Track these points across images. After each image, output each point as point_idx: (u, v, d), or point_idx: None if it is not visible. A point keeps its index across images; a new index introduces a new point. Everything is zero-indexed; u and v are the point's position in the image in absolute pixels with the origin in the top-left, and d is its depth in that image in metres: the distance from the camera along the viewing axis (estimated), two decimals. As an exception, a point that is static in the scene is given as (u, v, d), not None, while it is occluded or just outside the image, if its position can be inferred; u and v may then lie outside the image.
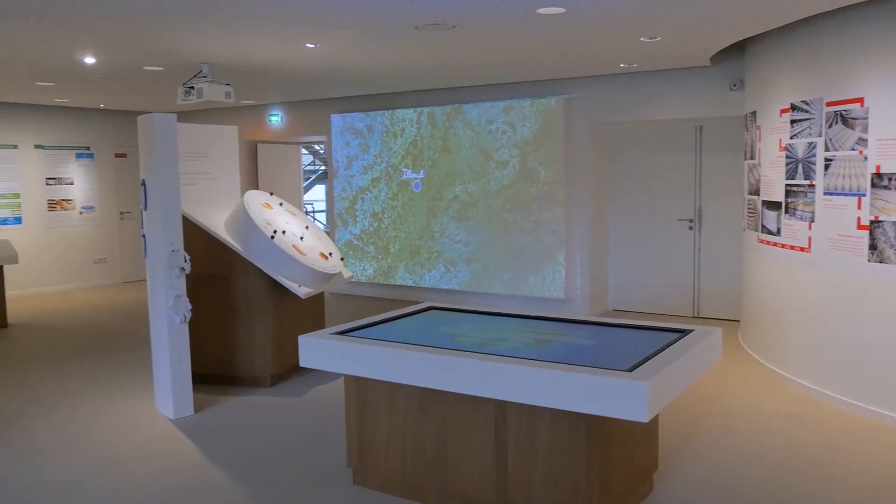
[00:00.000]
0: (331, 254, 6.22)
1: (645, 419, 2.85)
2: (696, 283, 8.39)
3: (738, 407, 5.34)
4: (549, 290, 8.56)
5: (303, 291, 5.76)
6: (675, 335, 3.73)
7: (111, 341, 7.78)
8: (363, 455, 3.96)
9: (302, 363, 3.86)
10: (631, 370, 3.02)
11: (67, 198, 11.21)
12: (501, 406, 3.42)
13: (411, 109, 9.42)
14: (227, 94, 7.00)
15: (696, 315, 8.41)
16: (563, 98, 8.35)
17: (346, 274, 6.47)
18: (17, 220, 10.64)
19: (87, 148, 11.44)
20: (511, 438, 3.41)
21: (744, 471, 4.20)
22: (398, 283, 9.78)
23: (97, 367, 6.70)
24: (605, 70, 7.90)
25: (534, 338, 3.83)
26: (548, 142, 8.43)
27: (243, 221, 5.72)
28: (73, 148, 11.27)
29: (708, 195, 8.26)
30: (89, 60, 6.81)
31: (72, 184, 11.26)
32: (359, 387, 3.92)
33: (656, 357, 3.23)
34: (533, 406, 3.30)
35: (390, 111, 9.61)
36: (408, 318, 4.41)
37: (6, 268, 8.69)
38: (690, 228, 8.38)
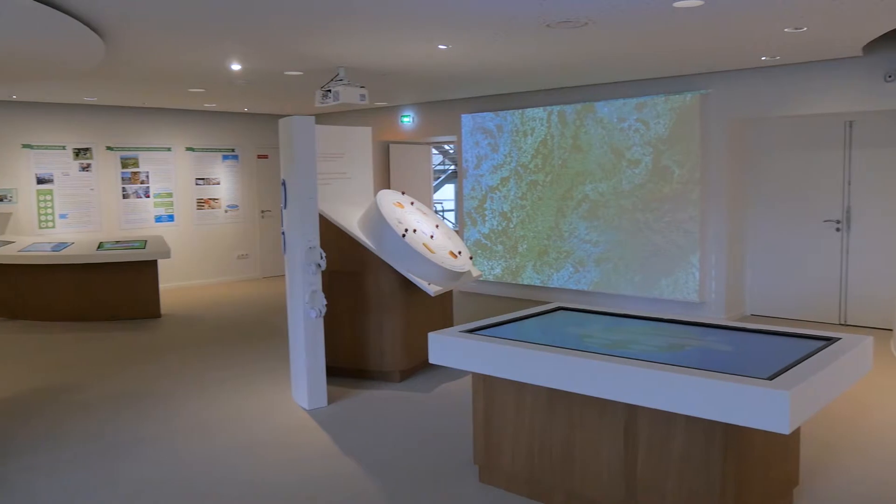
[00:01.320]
0: (460, 252, 6.28)
1: (786, 431, 2.71)
2: (843, 288, 7.87)
3: (888, 420, 4.97)
4: (682, 292, 8.28)
5: (432, 289, 5.85)
6: (821, 343, 3.51)
7: (251, 332, 8.19)
8: (490, 453, 3.98)
9: (431, 360, 3.93)
10: (772, 378, 2.88)
11: (214, 197, 11.91)
12: (632, 410, 3.34)
13: (541, 108, 9.37)
14: (362, 97, 7.20)
15: (842, 322, 7.90)
16: (700, 94, 8.05)
17: (475, 273, 6.51)
18: (170, 218, 11.41)
19: (232, 150, 12.11)
20: (642, 444, 3.33)
21: (893, 486, 3.91)
22: (526, 283, 9.75)
23: (238, 356, 7.07)
24: (745, 63, 7.55)
25: (666, 341, 3.72)
26: (683, 139, 8.15)
27: (376, 220, 5.87)
28: (219, 150, 11.96)
29: (858, 195, 7.74)
30: (236, 67, 7.20)
31: (218, 184, 11.96)
32: (486, 385, 3.95)
33: (799, 365, 3.06)
34: (665, 412, 3.20)
35: (520, 110, 9.60)
36: (536, 318, 4.40)
37: (160, 262, 9.33)
38: (837, 230, 7.87)
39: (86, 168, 10.60)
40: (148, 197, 11.19)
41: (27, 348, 7.61)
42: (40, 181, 10.22)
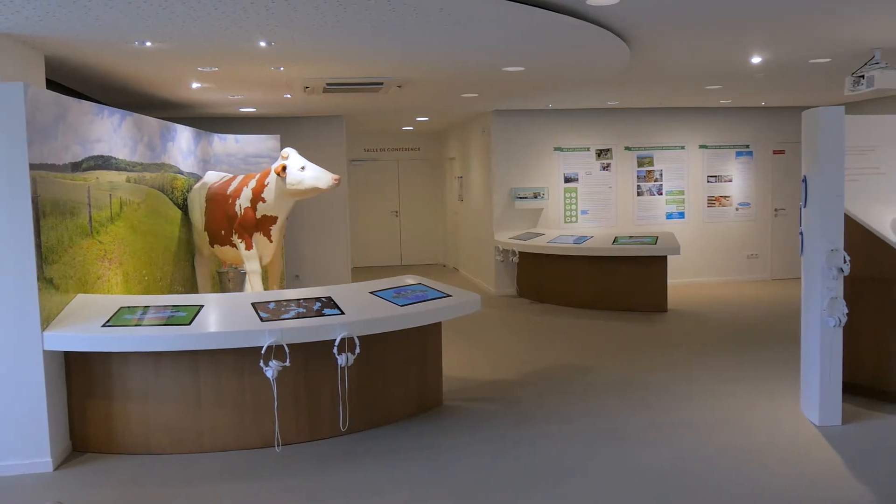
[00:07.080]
0: None
1: None
2: None
3: None
4: None
5: None
6: None
7: (757, 335, 7.89)
8: None
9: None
10: None
11: (725, 194, 11.75)
12: None
13: None
14: (905, 81, 6.37)
15: None
16: None
17: None
18: (681, 215, 11.62)
19: (747, 146, 11.77)
20: None
21: None
22: None
23: (741, 358, 6.87)
24: None
25: None
26: None
27: (914, 222, 5.14)
28: (732, 146, 11.74)
29: None
30: (755, 60, 6.98)
31: (730, 181, 11.75)
32: None
33: None
34: None
35: None
36: None
37: (669, 258, 9.58)
38: None
39: (606, 167, 11.41)
40: (661, 195, 11.56)
41: (550, 329, 8.55)
42: (567, 180, 11.33)
